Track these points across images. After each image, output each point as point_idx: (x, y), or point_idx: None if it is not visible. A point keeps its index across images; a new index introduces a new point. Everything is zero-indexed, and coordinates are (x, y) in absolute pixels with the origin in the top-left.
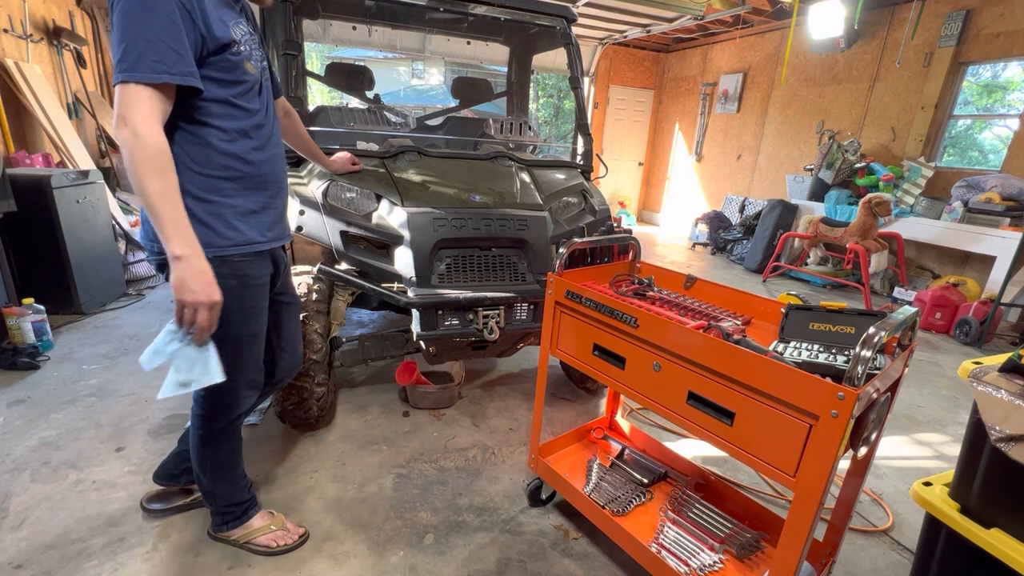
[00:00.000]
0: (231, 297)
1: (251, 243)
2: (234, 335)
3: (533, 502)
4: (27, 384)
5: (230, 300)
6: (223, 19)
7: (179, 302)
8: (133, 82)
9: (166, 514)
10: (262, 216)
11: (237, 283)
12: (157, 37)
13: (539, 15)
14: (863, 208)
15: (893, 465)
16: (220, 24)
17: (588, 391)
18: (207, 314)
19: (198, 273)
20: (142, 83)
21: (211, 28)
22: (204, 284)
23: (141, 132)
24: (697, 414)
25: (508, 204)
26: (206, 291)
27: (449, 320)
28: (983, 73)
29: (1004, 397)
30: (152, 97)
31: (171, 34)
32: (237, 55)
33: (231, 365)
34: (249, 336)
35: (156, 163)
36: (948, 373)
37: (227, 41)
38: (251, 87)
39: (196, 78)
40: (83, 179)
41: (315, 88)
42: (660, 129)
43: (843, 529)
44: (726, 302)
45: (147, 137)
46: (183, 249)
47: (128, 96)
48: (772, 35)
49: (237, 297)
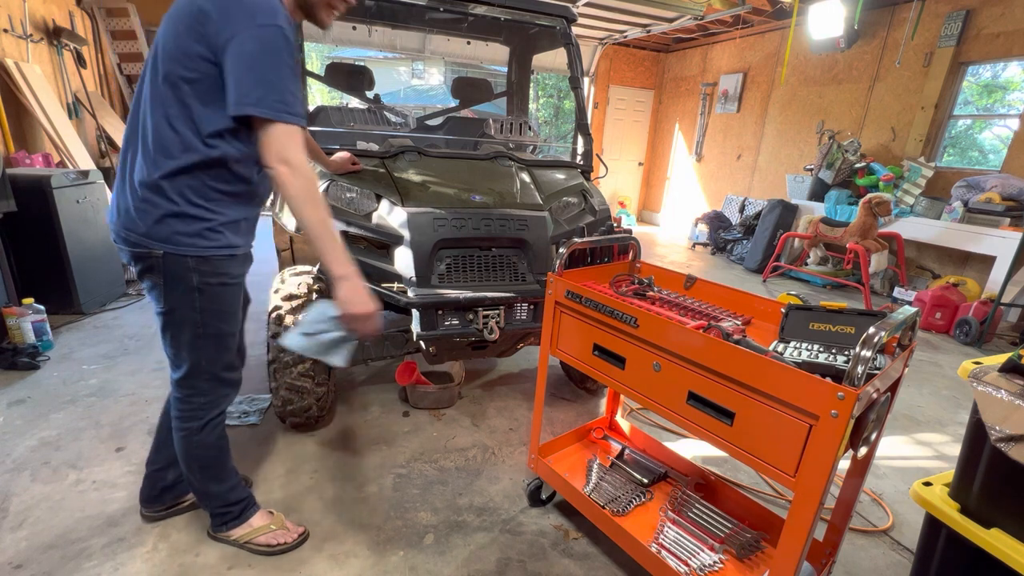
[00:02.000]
0: (211, 296)
1: (232, 246)
2: (213, 333)
3: (533, 502)
4: (27, 384)
5: (210, 299)
6: None
7: (348, 316)
8: (294, 124)
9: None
10: (243, 225)
11: (217, 282)
12: (295, 85)
13: (539, 15)
14: (863, 208)
15: (893, 465)
16: None
17: (588, 391)
18: (373, 322)
19: (362, 289)
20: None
21: None
22: (367, 298)
23: (303, 169)
24: (697, 414)
25: (508, 204)
26: (369, 304)
27: (449, 320)
28: (983, 73)
29: (1004, 397)
30: (302, 136)
31: (297, 83)
32: None
33: (209, 362)
34: (227, 334)
35: (316, 195)
36: (948, 373)
37: None
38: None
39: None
40: (83, 179)
41: (315, 88)
42: (660, 129)
43: (843, 529)
44: (726, 302)
45: (309, 173)
46: (346, 269)
47: (289, 135)
48: (772, 35)
49: (218, 296)
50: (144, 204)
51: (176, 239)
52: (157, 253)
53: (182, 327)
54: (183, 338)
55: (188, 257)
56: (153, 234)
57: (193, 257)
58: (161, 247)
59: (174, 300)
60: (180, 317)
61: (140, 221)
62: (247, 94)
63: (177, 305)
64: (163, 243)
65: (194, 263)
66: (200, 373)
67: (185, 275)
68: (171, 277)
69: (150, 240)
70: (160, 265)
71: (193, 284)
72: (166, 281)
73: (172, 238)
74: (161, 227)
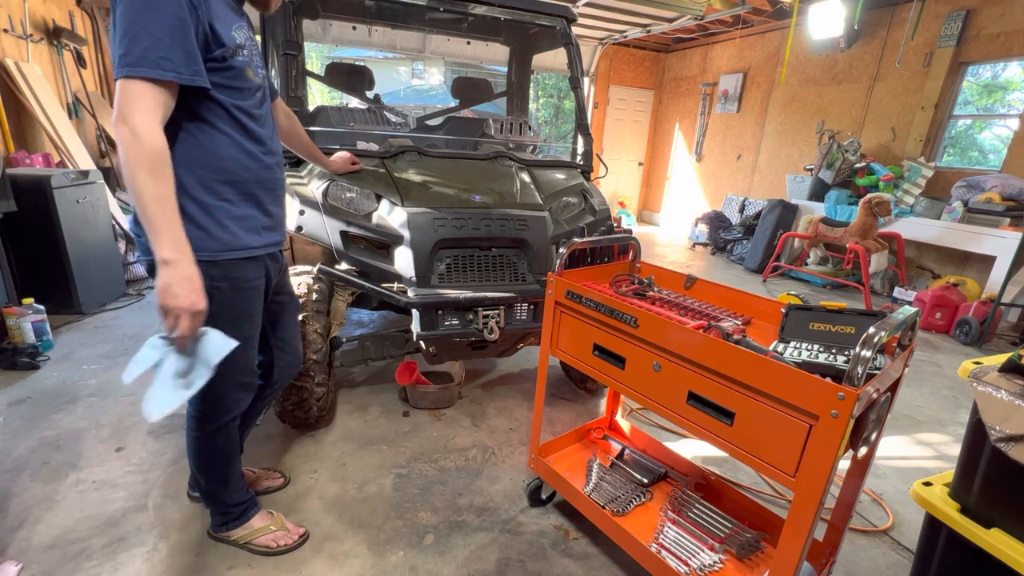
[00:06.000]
0: (221, 301)
1: (245, 247)
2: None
3: (533, 502)
4: (27, 384)
5: (220, 304)
6: (226, 21)
7: (162, 307)
8: (136, 78)
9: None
10: (257, 221)
11: (228, 286)
12: (163, 33)
13: (539, 15)
14: (863, 208)
15: (893, 465)
16: (224, 26)
17: (588, 391)
18: (189, 321)
19: (184, 279)
20: (145, 79)
21: (216, 28)
22: (189, 290)
23: (140, 131)
24: (697, 414)
25: (508, 204)
26: (190, 298)
27: (449, 320)
28: (983, 73)
29: (1004, 397)
30: (154, 95)
31: (178, 31)
32: (240, 60)
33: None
34: (241, 340)
35: (152, 163)
36: (948, 373)
37: (231, 44)
38: (253, 93)
39: (204, 77)
40: (83, 179)
41: (315, 88)
42: (660, 129)
43: (843, 529)
44: (726, 302)
45: (145, 136)
46: (172, 253)
47: (129, 92)
48: (772, 35)
49: (228, 301)
50: None
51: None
52: None
53: None
54: None
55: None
56: None
57: (202, 262)
58: None
59: None
60: None
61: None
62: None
63: None
64: None
65: (204, 268)
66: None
67: None
68: None
69: None
70: None
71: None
72: None
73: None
74: None
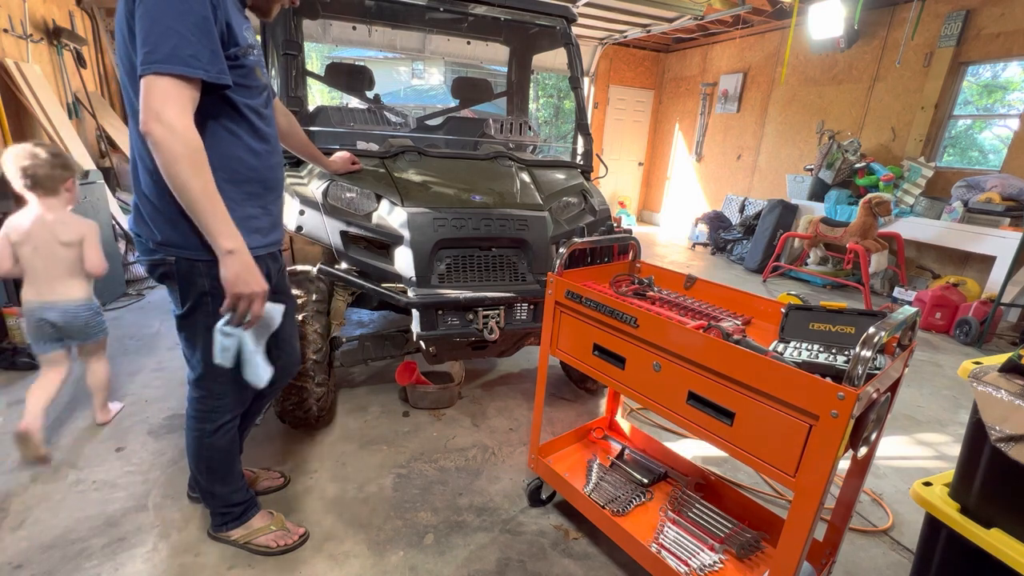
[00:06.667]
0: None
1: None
2: None
3: (533, 502)
4: (27, 384)
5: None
6: (238, 21)
7: (234, 296)
8: (166, 75)
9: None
10: (260, 221)
11: None
12: (189, 31)
13: (539, 15)
14: (863, 208)
15: (893, 465)
16: (237, 25)
17: (588, 391)
18: (260, 304)
19: (249, 266)
20: (175, 76)
21: (232, 27)
22: (256, 276)
23: (177, 127)
24: (697, 414)
25: (508, 204)
26: (258, 282)
27: (449, 320)
28: (983, 73)
29: (1004, 397)
30: (186, 91)
31: (204, 29)
32: (251, 59)
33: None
34: None
35: (193, 158)
36: (948, 373)
37: (244, 44)
38: (261, 92)
39: (227, 76)
40: (83, 179)
41: (315, 88)
42: (660, 129)
43: (843, 529)
44: (726, 302)
45: (184, 132)
46: (233, 243)
47: (160, 89)
48: (772, 35)
49: None
50: (149, 208)
51: (184, 242)
52: (169, 260)
53: (196, 331)
54: (197, 341)
55: (199, 262)
56: (164, 240)
57: (203, 262)
58: (175, 253)
59: (188, 304)
60: (194, 321)
61: (155, 229)
62: (138, 55)
63: (191, 309)
64: (176, 248)
65: (204, 268)
66: (215, 377)
67: (196, 280)
68: (183, 282)
69: (162, 247)
70: (174, 271)
71: (204, 289)
72: (180, 286)
73: (180, 242)
74: (169, 232)
